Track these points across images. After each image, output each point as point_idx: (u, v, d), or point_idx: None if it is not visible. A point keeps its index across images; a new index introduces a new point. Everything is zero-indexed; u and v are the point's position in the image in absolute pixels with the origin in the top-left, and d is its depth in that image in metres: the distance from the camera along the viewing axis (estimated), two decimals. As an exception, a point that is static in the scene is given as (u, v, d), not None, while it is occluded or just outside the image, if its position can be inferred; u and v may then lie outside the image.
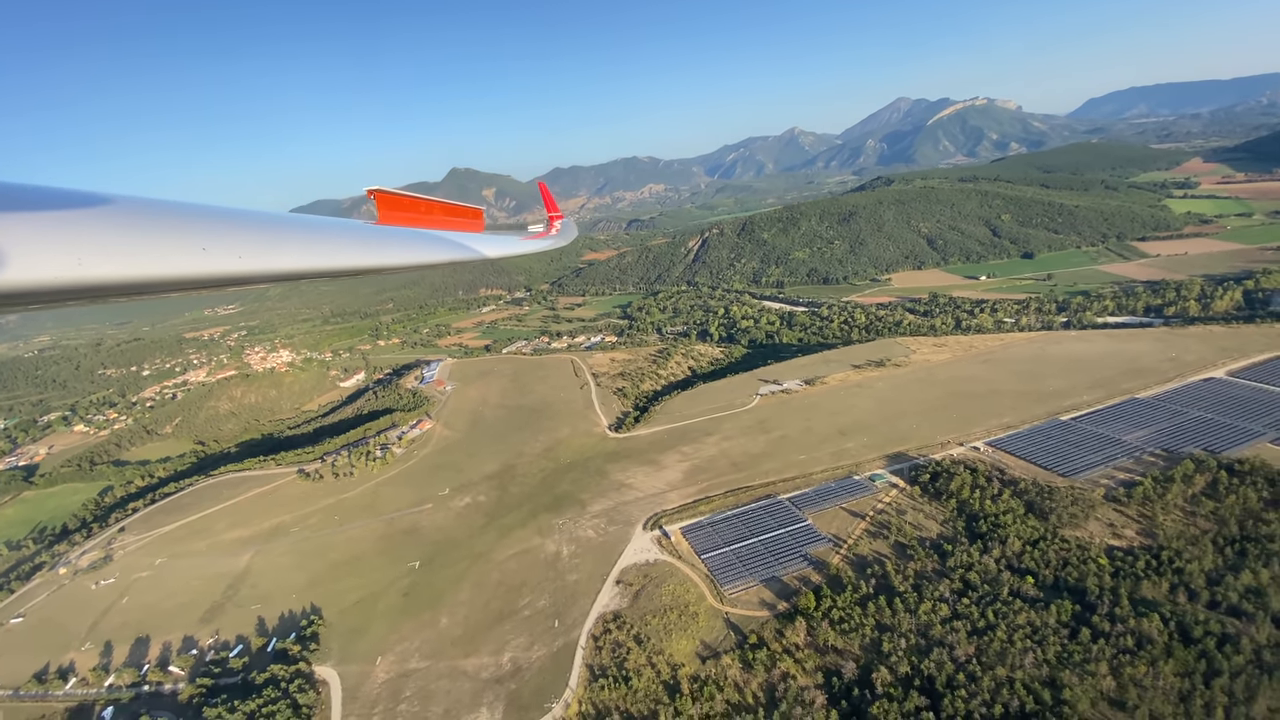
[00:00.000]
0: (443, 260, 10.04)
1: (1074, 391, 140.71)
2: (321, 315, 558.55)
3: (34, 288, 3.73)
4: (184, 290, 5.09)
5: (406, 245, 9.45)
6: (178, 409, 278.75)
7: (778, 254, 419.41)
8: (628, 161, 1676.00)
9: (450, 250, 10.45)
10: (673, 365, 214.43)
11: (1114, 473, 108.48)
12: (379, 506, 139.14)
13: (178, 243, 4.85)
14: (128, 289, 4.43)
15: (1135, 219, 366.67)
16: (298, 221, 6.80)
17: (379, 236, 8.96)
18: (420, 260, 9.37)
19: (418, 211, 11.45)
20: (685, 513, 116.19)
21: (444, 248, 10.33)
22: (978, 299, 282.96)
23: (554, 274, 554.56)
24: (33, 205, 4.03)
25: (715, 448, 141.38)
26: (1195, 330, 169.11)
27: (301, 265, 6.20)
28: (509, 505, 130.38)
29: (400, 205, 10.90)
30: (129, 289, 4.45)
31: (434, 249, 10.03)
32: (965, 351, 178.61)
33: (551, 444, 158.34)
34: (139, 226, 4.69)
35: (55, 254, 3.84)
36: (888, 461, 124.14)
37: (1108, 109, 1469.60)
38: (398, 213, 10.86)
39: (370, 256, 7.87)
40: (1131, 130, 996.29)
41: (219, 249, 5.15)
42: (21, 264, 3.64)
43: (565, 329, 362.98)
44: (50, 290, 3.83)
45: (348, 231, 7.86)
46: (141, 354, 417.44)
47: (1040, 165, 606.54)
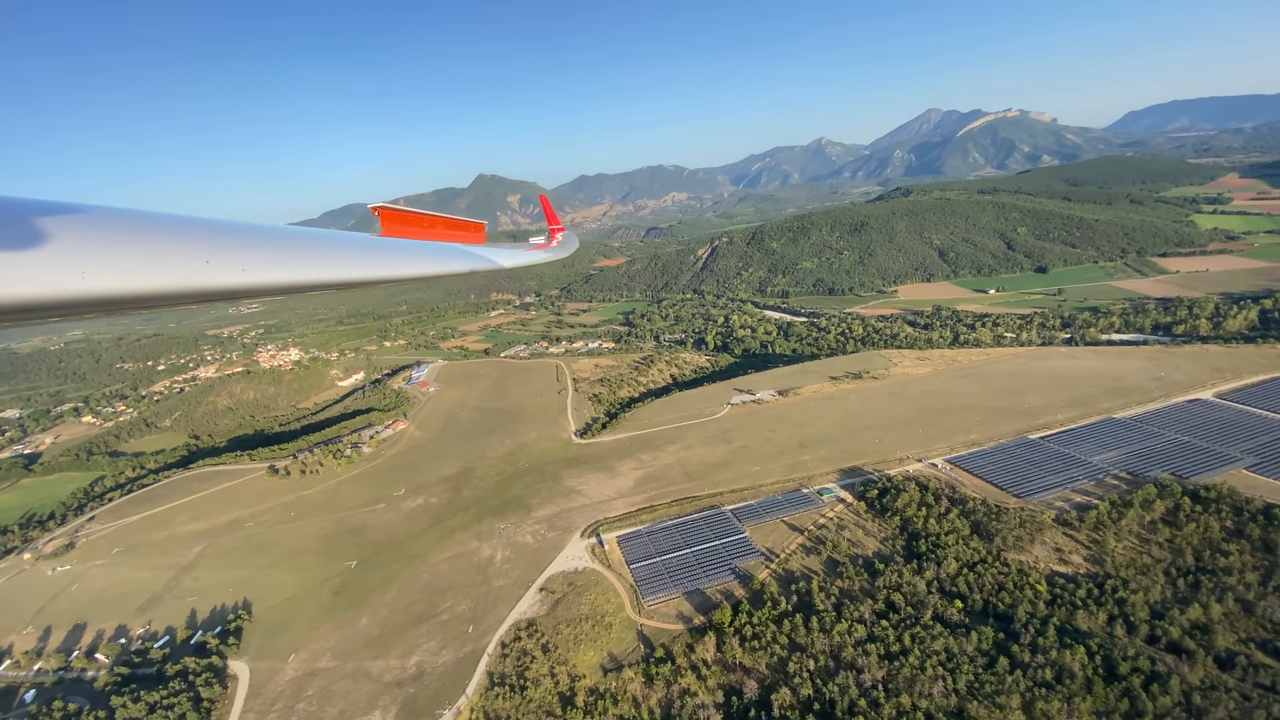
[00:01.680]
0: (445, 272, 10.13)
1: (1050, 409, 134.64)
2: (337, 316, 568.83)
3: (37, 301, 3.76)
4: (188, 303, 5.10)
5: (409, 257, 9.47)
6: (178, 403, 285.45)
7: (786, 263, 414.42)
8: (653, 170, 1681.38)
9: (452, 262, 10.60)
10: (654, 373, 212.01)
11: (1071, 495, 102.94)
12: (334, 504, 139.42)
13: (180, 256, 4.83)
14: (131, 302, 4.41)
15: (1158, 234, 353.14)
16: (300, 234, 6.75)
17: (382, 249, 8.95)
18: (422, 272, 9.44)
19: (421, 226, 11.49)
20: (626, 521, 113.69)
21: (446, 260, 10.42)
22: (981, 313, 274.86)
23: (565, 280, 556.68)
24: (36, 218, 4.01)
25: (673, 456, 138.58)
26: (1190, 349, 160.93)
27: (304, 278, 6.17)
28: (458, 508, 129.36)
29: (404, 220, 10.92)
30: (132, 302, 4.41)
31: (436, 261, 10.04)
32: (947, 365, 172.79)
33: (515, 448, 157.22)
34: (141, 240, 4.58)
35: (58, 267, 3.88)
36: (841, 475, 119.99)
37: (1148, 122, 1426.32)
38: (401, 228, 10.83)
39: (373, 269, 7.88)
40: (1170, 144, 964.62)
41: (222, 261, 5.13)
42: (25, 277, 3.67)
43: (566, 334, 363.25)
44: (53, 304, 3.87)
45: (351, 244, 7.90)
46: (159, 349, 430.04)
47: (1067, 178, 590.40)
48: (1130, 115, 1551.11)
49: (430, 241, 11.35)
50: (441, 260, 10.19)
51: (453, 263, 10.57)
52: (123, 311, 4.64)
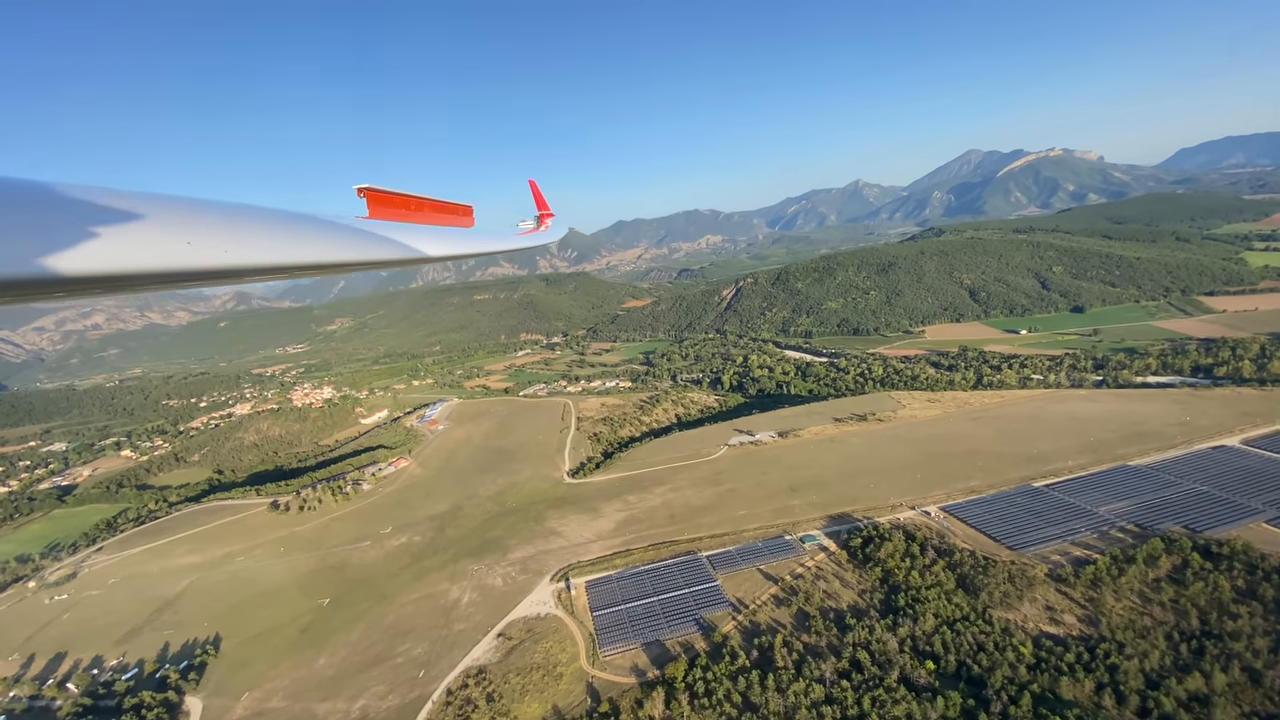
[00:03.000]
0: (431, 255, 10.02)
1: (1060, 455, 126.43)
2: (374, 356, 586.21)
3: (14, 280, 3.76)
4: (168, 285, 5.07)
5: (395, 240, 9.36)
6: (208, 439, 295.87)
7: (810, 304, 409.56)
8: (688, 214, 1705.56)
9: (439, 245, 10.48)
10: (658, 412, 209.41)
11: (1070, 548, 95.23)
12: (323, 541, 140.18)
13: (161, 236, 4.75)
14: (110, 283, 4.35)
15: (1204, 272, 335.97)
16: (283, 216, 6.76)
17: (367, 231, 8.90)
18: (410, 255, 9.33)
19: (407, 208, 11.38)
20: (599, 565, 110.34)
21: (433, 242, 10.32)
22: (1009, 354, 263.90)
23: (592, 320, 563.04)
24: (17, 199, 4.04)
25: (660, 498, 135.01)
26: (1221, 392, 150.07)
27: (289, 259, 6.15)
28: (439, 547, 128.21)
29: (390, 202, 10.84)
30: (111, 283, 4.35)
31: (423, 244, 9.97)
32: (958, 408, 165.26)
33: (507, 487, 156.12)
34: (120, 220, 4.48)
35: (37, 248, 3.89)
36: (828, 522, 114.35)
37: (1201, 159, 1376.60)
38: (387, 209, 10.78)
39: (358, 251, 7.81)
40: (1224, 180, 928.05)
41: (204, 242, 5.07)
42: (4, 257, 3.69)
43: (586, 373, 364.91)
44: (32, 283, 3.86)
45: (336, 226, 7.89)
46: (204, 387, 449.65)
47: (1110, 216, 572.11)
48: (1182, 152, 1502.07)
49: (417, 224, 11.08)
50: (428, 243, 10.02)
51: (440, 246, 10.35)
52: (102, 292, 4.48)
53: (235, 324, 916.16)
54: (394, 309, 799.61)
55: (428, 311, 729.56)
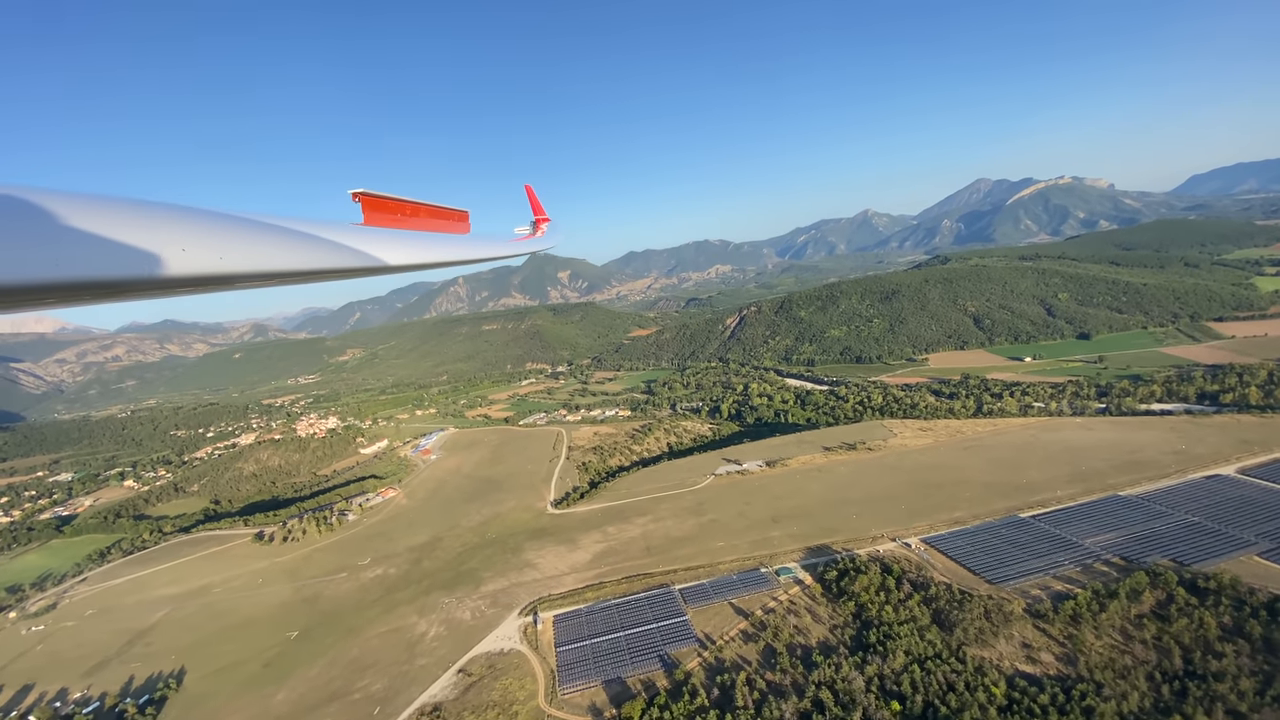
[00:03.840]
0: (427, 261, 9.96)
1: (1050, 485, 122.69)
2: (382, 386, 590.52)
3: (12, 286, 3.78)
4: (163, 291, 5.07)
5: (392, 247, 9.29)
6: (208, 469, 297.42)
7: (813, 332, 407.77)
8: (698, 245, 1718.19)
9: (435, 252, 10.43)
10: (650, 441, 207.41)
11: (1051, 582, 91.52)
12: (300, 573, 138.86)
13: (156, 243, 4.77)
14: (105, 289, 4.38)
15: (1213, 298, 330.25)
16: (279, 224, 6.75)
17: (363, 238, 8.79)
18: (404, 261, 9.28)
19: (403, 214, 11.32)
20: (570, 599, 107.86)
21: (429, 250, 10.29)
22: (1012, 381, 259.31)
23: (598, 349, 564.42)
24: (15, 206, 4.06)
25: (640, 529, 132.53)
26: (1220, 420, 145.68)
27: (285, 266, 6.18)
28: (413, 579, 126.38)
29: (386, 207, 10.78)
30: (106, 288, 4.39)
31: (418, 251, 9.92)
32: (950, 437, 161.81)
33: (490, 517, 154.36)
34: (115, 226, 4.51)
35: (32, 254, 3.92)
36: (806, 554, 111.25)
37: (1213, 185, 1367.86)
38: (383, 215, 10.74)
39: (353, 258, 7.81)
40: (1237, 206, 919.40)
41: (200, 249, 5.10)
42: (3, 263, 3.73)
43: (587, 402, 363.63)
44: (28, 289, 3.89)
45: (332, 233, 7.81)
46: (211, 417, 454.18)
47: (1120, 242, 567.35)
48: (1195, 179, 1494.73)
49: (413, 231, 11.01)
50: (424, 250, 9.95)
51: (435, 253, 10.29)
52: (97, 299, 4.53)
53: (250, 355, 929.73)
54: (404, 340, 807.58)
55: (437, 342, 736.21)
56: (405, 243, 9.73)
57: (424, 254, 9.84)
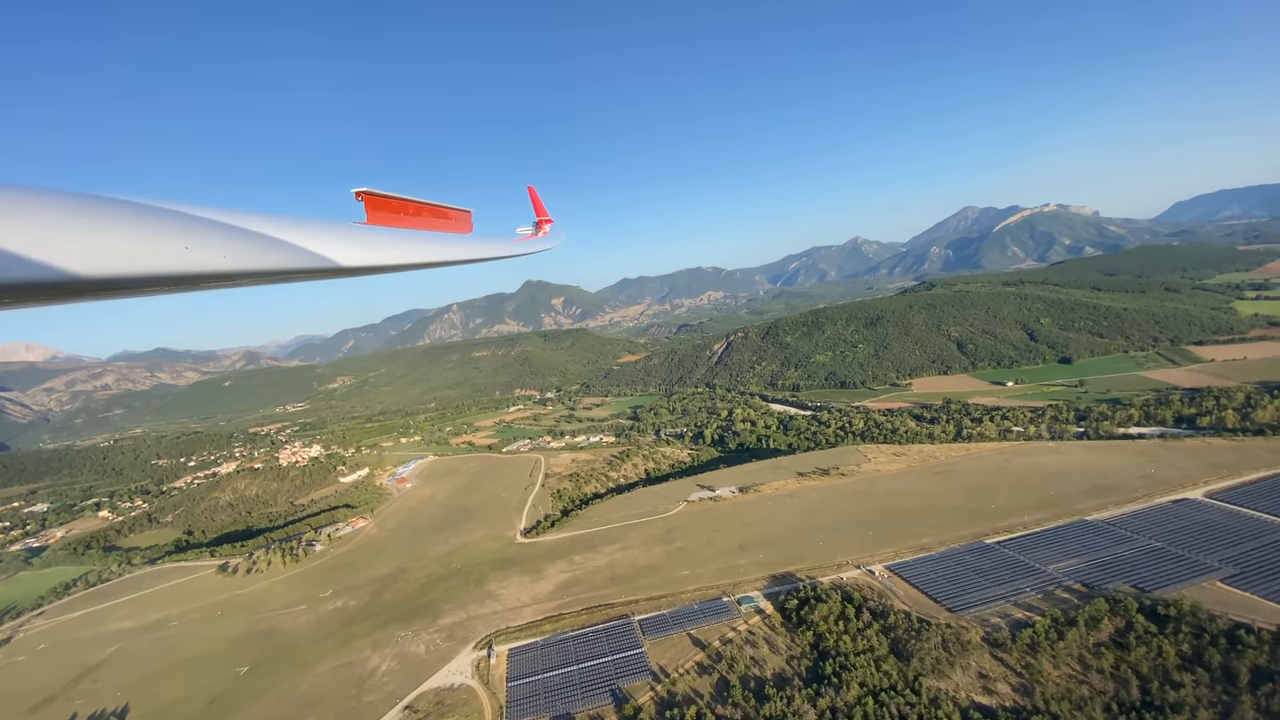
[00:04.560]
0: (429, 261, 9.92)
1: (1018, 510, 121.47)
2: (369, 413, 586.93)
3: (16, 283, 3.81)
4: (167, 289, 5.05)
5: (394, 246, 9.26)
6: (183, 499, 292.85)
7: (799, 357, 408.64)
8: (691, 272, 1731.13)
9: (439, 251, 10.42)
10: (627, 468, 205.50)
11: (1011, 610, 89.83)
12: (260, 605, 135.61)
13: (159, 241, 4.77)
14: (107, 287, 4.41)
15: (1193, 322, 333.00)
16: (281, 222, 6.70)
17: (365, 238, 8.77)
18: (406, 261, 9.24)
19: (406, 213, 11.34)
20: (528, 631, 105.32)
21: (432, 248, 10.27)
22: (993, 405, 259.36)
23: (587, 375, 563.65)
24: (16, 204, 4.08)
25: (606, 558, 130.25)
26: (1191, 443, 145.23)
27: (287, 264, 6.13)
28: (372, 612, 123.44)
29: (389, 207, 10.77)
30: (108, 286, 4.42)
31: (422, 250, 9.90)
32: (923, 461, 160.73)
33: (457, 547, 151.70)
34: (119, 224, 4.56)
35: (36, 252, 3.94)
36: (770, 582, 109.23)
37: (1196, 212, 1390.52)
38: (386, 214, 10.73)
39: (356, 257, 7.75)
40: (1220, 232, 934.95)
41: (202, 247, 5.08)
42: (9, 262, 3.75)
43: (572, 428, 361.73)
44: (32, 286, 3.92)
45: (334, 232, 7.76)
46: (194, 446, 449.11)
47: (1103, 268, 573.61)
48: (1178, 205, 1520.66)
49: (415, 230, 11.06)
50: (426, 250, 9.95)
51: (438, 252, 10.27)
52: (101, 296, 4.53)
53: (239, 383, 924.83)
54: (395, 367, 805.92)
55: (427, 368, 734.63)
56: (408, 242, 9.75)
57: (426, 253, 9.85)
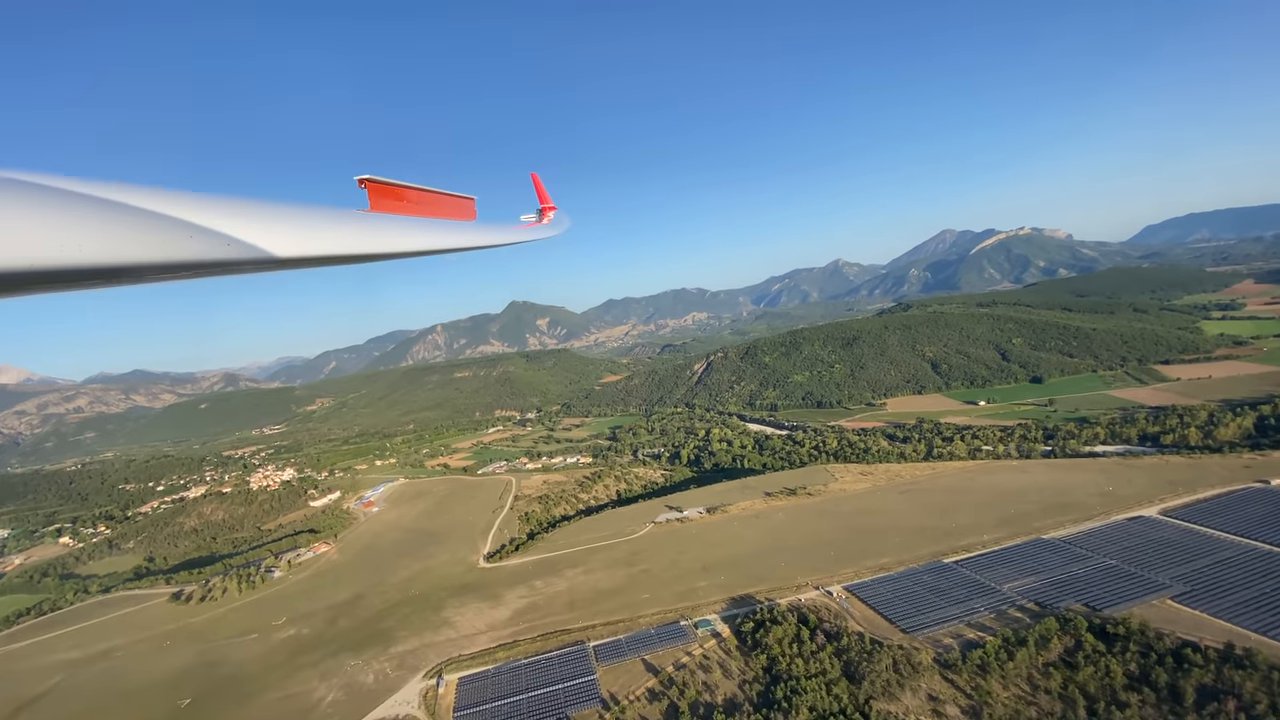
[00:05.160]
0: (433, 248, 9.95)
1: (978, 529, 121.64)
2: (346, 435, 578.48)
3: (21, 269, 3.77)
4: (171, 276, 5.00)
5: (397, 233, 9.24)
6: (146, 524, 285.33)
7: (777, 377, 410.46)
8: (676, 293, 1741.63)
9: (442, 238, 10.45)
10: (599, 489, 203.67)
11: (964, 630, 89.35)
12: (211, 634, 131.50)
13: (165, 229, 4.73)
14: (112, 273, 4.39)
15: (1160, 341, 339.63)
16: (286, 209, 6.46)
17: (369, 225, 8.78)
18: (411, 247, 9.21)
19: (409, 200, 11.36)
20: (481, 659, 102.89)
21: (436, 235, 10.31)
22: (964, 425, 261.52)
23: (568, 396, 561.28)
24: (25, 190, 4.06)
25: (568, 582, 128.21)
26: (1150, 460, 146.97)
27: (291, 252, 6.01)
28: (325, 640, 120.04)
29: (391, 194, 10.79)
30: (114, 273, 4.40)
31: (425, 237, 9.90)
32: (888, 480, 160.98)
33: (419, 572, 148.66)
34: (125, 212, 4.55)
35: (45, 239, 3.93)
36: (730, 605, 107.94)
37: (1167, 235, 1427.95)
38: (389, 201, 10.74)
39: (360, 245, 7.66)
40: (1190, 254, 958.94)
41: (206, 235, 5.04)
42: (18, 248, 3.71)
43: (550, 449, 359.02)
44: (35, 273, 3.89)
45: (338, 219, 7.66)
46: (164, 470, 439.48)
47: (1075, 290, 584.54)
48: (1149, 229, 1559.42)
49: (419, 218, 11.12)
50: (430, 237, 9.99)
51: (441, 239, 10.34)
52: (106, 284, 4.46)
53: (216, 405, 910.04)
54: (375, 388, 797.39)
55: (407, 390, 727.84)
56: (411, 229, 9.84)
57: (430, 240, 9.90)
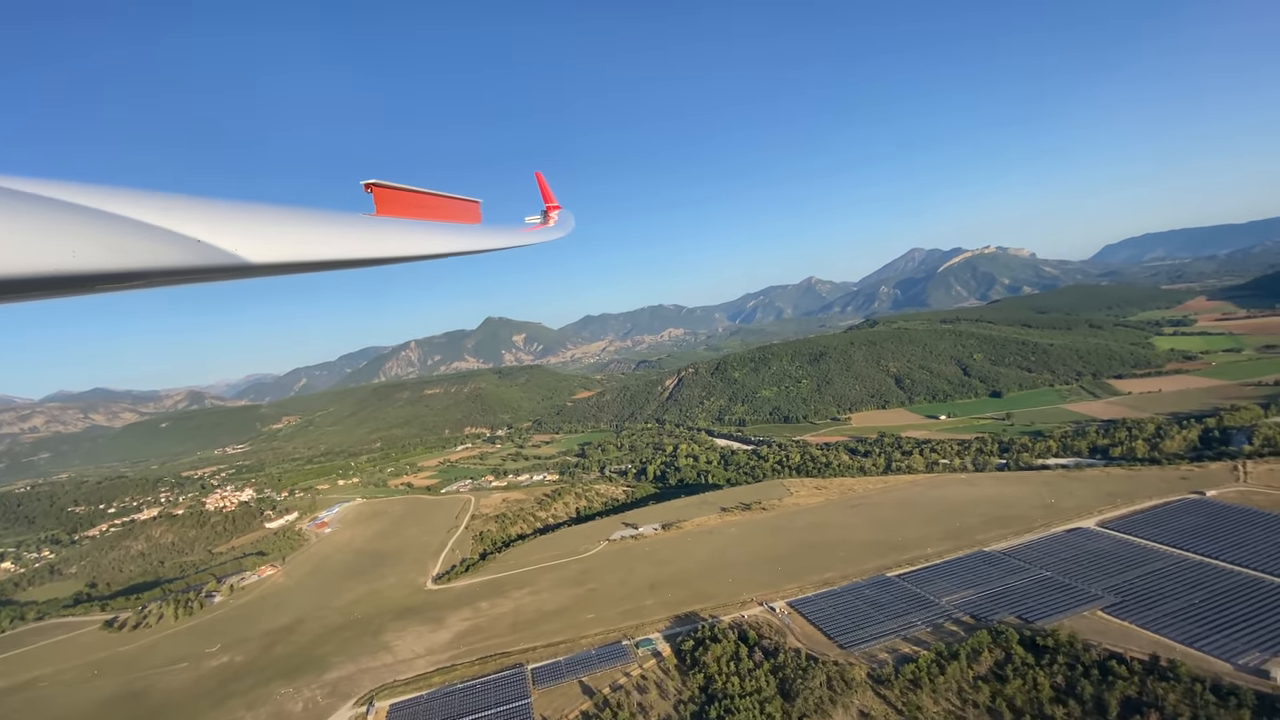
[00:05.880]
0: (439, 252, 9.93)
1: (924, 542, 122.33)
2: (311, 455, 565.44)
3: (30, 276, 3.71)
4: (179, 281, 4.98)
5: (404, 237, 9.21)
6: (92, 548, 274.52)
7: (746, 392, 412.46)
8: (653, 309, 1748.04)
9: (448, 241, 10.45)
10: (557, 507, 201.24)
11: (900, 644, 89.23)
12: (141, 663, 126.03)
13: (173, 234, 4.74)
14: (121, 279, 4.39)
15: (1114, 356, 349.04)
16: (294, 213, 6.45)
17: (376, 229, 8.70)
18: (418, 251, 9.17)
19: (415, 204, 11.27)
20: (416, 684, 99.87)
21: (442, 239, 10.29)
22: (924, 439, 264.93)
23: (540, 412, 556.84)
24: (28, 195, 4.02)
25: (514, 603, 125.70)
26: (1092, 473, 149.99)
27: (299, 256, 5.99)
28: (258, 668, 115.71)
29: (398, 198, 10.65)
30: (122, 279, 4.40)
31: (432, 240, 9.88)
32: (841, 495, 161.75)
33: (364, 595, 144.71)
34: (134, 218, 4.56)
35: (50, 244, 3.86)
36: (674, 623, 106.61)
37: (1125, 254, 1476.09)
38: (395, 205, 10.56)
39: (367, 248, 7.66)
40: (1146, 272, 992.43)
41: (216, 241, 5.04)
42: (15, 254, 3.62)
43: (517, 467, 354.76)
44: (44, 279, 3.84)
45: (345, 223, 7.65)
46: (117, 492, 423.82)
47: (1036, 306, 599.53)
48: (1108, 248, 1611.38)
49: (425, 221, 11.12)
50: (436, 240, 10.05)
51: (447, 243, 10.43)
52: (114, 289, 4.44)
53: (178, 424, 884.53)
54: (343, 406, 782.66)
55: (376, 407, 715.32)
56: (417, 232, 9.91)
57: (436, 243, 9.96)
